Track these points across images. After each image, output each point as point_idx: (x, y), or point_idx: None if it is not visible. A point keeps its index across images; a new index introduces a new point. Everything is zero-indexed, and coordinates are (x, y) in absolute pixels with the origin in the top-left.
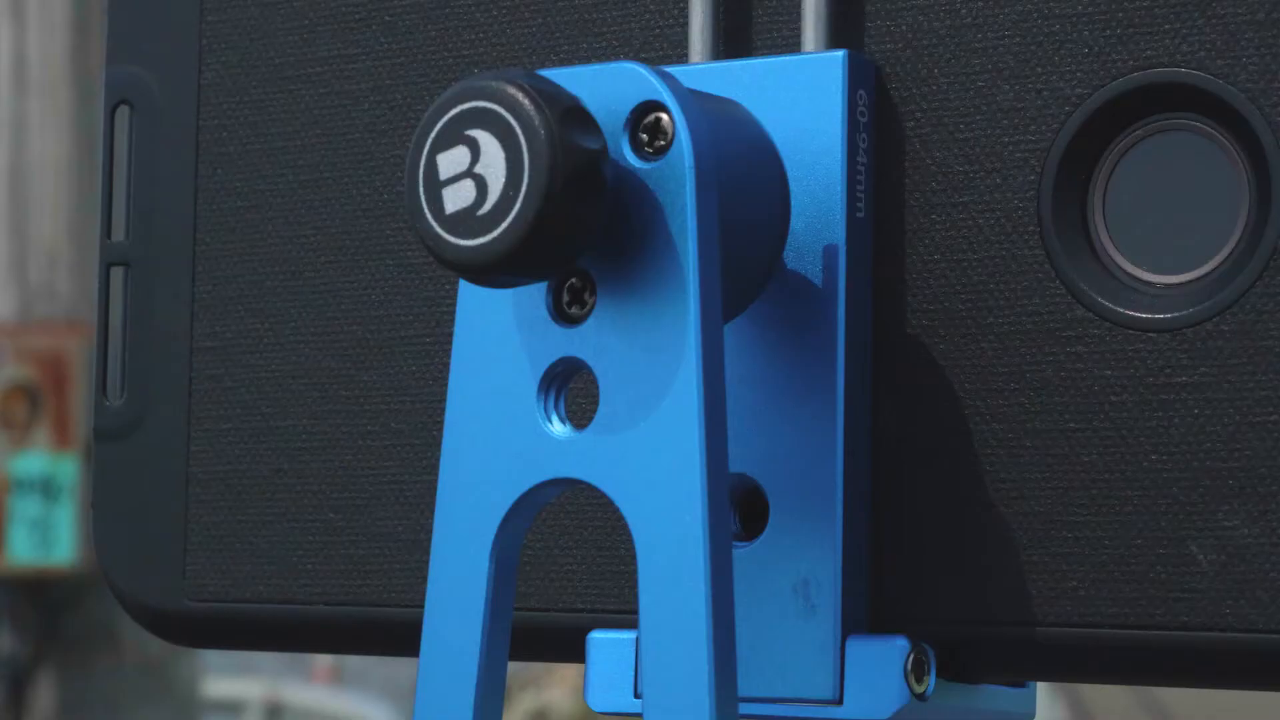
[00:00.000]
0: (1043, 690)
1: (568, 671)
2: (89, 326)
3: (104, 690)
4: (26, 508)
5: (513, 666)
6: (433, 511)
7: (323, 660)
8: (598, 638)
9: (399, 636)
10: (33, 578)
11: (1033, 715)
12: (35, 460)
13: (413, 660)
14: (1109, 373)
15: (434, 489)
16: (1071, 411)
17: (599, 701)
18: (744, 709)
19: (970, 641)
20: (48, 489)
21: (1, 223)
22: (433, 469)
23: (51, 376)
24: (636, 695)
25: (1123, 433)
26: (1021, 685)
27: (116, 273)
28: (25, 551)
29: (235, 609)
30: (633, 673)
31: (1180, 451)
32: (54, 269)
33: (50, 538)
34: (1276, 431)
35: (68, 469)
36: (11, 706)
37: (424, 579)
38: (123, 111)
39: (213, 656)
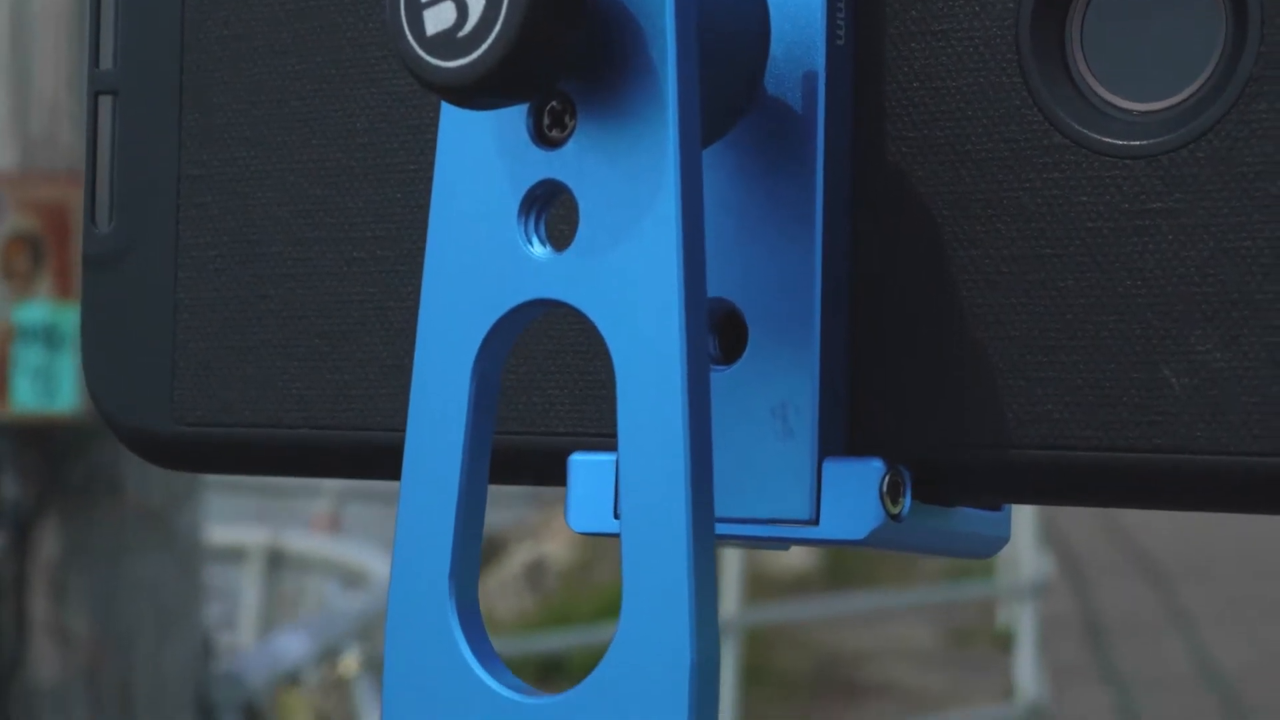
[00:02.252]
0: (1034, 543)
1: (563, 524)
2: None
3: (107, 538)
4: (29, 356)
5: (510, 520)
6: (416, 336)
7: (321, 510)
8: (578, 460)
9: (383, 459)
10: (36, 425)
11: (1006, 539)
12: (38, 309)
13: None
14: (1085, 199)
15: (418, 315)
16: (1048, 238)
17: (579, 522)
18: (721, 529)
19: (946, 464)
20: (50, 338)
21: (3, 75)
22: (417, 295)
23: (53, 227)
24: (616, 516)
25: (1098, 259)
26: (996, 508)
27: (105, 101)
28: (28, 399)
29: (223, 433)
30: (613, 494)
31: (1154, 277)
32: (55, 120)
33: (53, 386)
34: (1249, 258)
35: (70, 318)
36: (15, 553)
37: (408, 402)
38: None
39: (214, 505)
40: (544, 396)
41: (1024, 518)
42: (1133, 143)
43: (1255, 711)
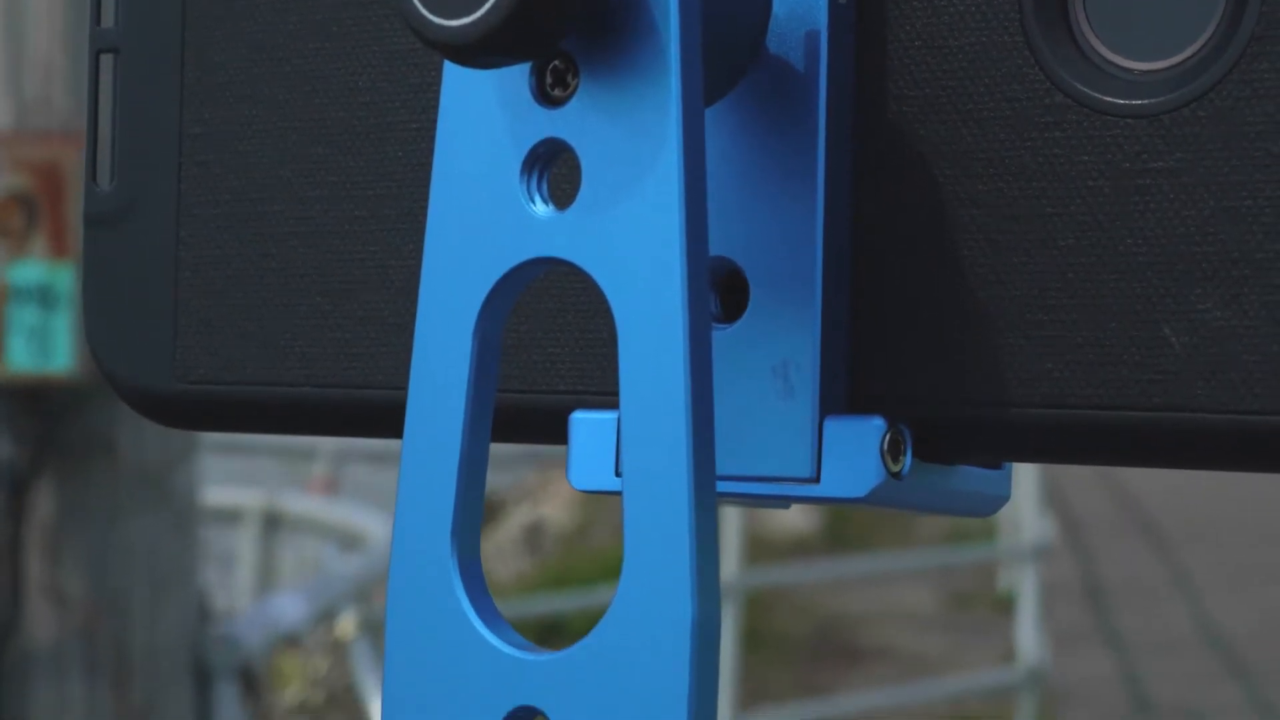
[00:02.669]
0: (1036, 507)
1: (562, 486)
2: (84, 138)
3: (102, 498)
4: (24, 316)
5: (508, 481)
6: (417, 295)
7: (318, 472)
8: (580, 418)
9: (385, 417)
10: (31, 386)
11: (1007, 497)
12: (33, 269)
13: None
14: (1086, 158)
15: (419, 273)
16: (1049, 197)
17: (581, 480)
18: (722, 487)
19: (947, 422)
20: (45, 298)
21: None
22: (418, 254)
23: (47, 187)
24: (618, 474)
25: (1099, 218)
26: (997, 467)
27: (106, 60)
28: (23, 359)
29: (225, 391)
30: (614, 452)
31: (1155, 236)
32: (49, 81)
33: (48, 346)
34: (1249, 217)
35: (65, 278)
36: (10, 513)
37: (409, 361)
38: None
39: (210, 466)
40: (545, 355)
41: (1026, 480)
42: (1134, 102)
43: (1258, 674)
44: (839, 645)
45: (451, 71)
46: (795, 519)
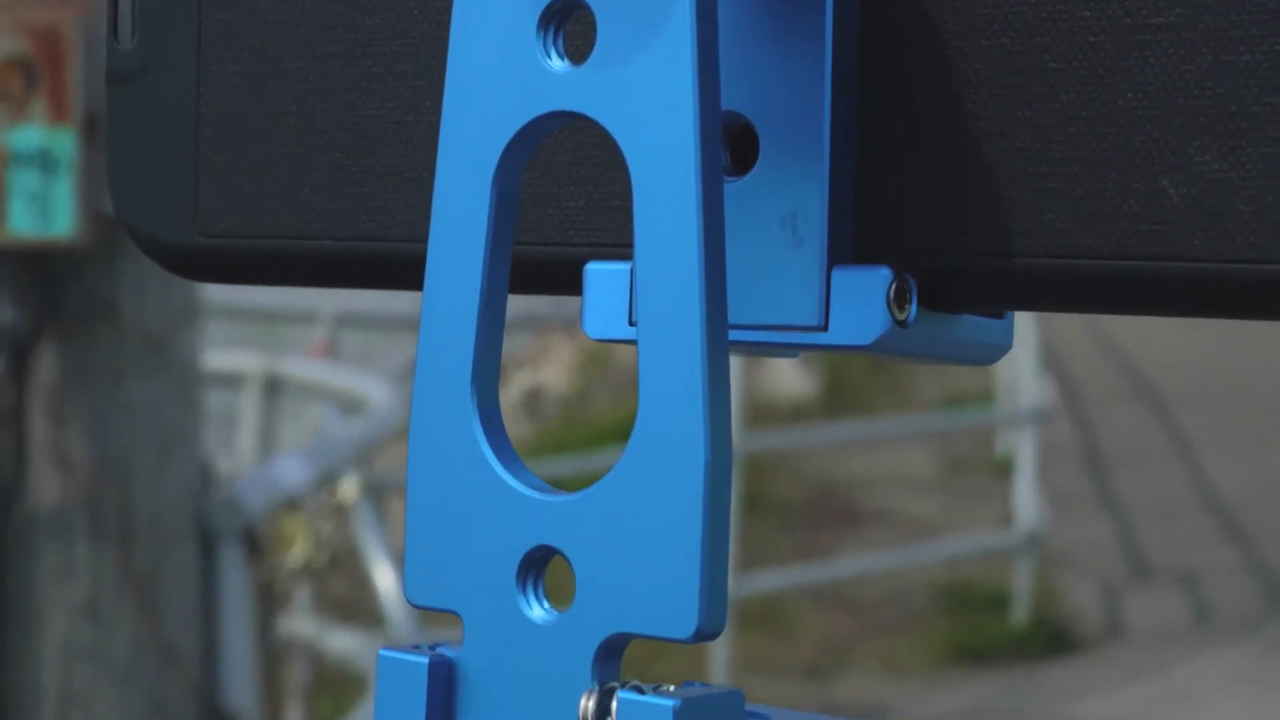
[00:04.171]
0: (1034, 371)
1: (561, 351)
2: (83, 1)
3: (104, 362)
4: (25, 181)
5: (507, 347)
6: (434, 151)
7: (317, 337)
8: (594, 269)
9: (402, 269)
10: (33, 250)
11: (1009, 346)
12: (33, 133)
13: (400, 342)
14: (1087, 14)
15: (436, 130)
16: (1051, 52)
17: (595, 329)
18: (734, 335)
19: (951, 272)
20: (46, 162)
21: None
22: (434, 110)
23: (46, 50)
24: (631, 323)
25: (1099, 72)
26: (999, 316)
27: None
28: (24, 224)
29: (245, 244)
30: (627, 302)
31: (1154, 90)
32: None
33: (49, 210)
34: (1246, 71)
35: (65, 142)
36: (13, 377)
37: (426, 215)
38: None
39: (211, 331)
40: (559, 208)
41: (1024, 345)
42: None
43: (1254, 536)
44: (837, 509)
45: None
46: (794, 384)
